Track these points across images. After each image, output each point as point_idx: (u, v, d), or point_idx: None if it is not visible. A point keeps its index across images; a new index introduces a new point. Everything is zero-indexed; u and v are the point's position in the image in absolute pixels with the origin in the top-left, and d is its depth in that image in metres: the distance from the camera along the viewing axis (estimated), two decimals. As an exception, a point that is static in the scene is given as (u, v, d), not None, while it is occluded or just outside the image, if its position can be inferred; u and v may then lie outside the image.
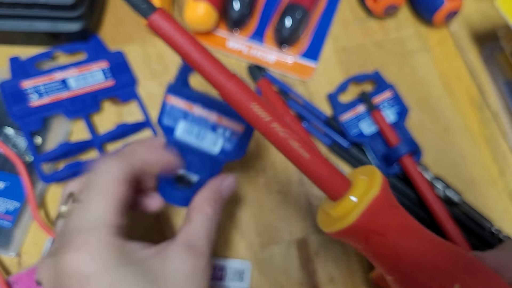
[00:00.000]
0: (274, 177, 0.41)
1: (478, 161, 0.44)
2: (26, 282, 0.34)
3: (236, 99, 0.23)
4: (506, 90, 0.46)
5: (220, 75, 0.23)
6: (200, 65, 0.22)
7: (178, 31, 0.22)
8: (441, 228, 0.38)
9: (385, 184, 0.24)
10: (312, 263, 0.39)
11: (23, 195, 0.37)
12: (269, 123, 0.23)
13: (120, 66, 0.42)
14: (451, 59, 0.48)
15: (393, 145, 0.40)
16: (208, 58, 0.22)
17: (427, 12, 0.46)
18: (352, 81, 0.45)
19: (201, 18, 0.41)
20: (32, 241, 0.37)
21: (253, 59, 0.45)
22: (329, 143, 0.42)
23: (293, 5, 0.44)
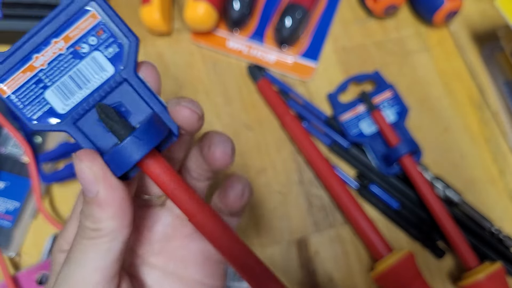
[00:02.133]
0: (274, 177, 0.41)
1: (478, 161, 0.44)
2: (26, 282, 0.34)
3: (205, 232, 0.23)
4: (506, 90, 0.46)
5: (192, 205, 0.22)
6: (174, 196, 0.22)
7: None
8: (441, 228, 0.38)
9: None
10: (312, 263, 0.39)
11: (23, 195, 0.37)
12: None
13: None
14: (451, 59, 0.48)
15: (393, 145, 0.40)
16: (182, 188, 0.22)
17: (427, 12, 0.46)
18: (352, 81, 0.45)
19: (201, 18, 0.41)
20: (32, 241, 0.37)
21: (253, 59, 0.45)
22: (329, 143, 0.42)
23: (293, 5, 0.44)
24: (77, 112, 0.22)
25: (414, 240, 0.40)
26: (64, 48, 0.21)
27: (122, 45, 0.21)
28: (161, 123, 0.22)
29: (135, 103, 0.22)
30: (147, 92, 0.22)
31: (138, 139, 0.20)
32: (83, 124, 0.22)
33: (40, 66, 0.21)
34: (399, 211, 0.41)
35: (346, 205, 0.38)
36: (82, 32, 0.21)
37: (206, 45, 0.45)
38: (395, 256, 0.36)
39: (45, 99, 0.21)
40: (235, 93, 0.44)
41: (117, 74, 0.21)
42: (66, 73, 0.21)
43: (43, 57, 0.21)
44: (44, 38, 0.21)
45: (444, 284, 0.39)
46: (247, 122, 0.43)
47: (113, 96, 0.22)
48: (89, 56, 0.21)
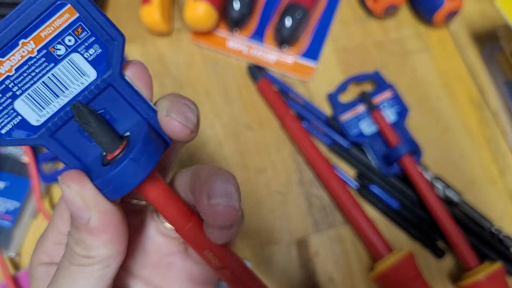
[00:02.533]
0: (274, 177, 0.41)
1: (478, 161, 0.44)
2: (26, 282, 0.34)
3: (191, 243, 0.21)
4: (506, 90, 0.46)
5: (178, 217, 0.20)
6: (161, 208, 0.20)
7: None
8: (441, 228, 0.38)
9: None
10: (312, 263, 0.39)
11: (23, 195, 0.37)
12: (219, 268, 0.21)
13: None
14: (451, 59, 0.48)
15: (393, 145, 0.40)
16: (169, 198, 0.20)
17: (427, 12, 0.46)
18: (352, 81, 0.45)
19: (201, 18, 0.41)
20: (32, 241, 0.37)
21: (253, 59, 0.45)
22: (329, 143, 0.42)
23: (293, 5, 0.44)
24: (54, 123, 0.19)
25: (414, 240, 0.40)
26: (35, 50, 0.18)
27: (106, 45, 0.18)
28: (156, 136, 0.19)
29: (122, 109, 0.19)
30: (136, 97, 0.19)
31: (135, 162, 0.18)
32: (62, 135, 0.19)
33: (6, 72, 0.18)
34: (399, 211, 0.41)
35: (346, 205, 0.38)
36: (56, 31, 0.18)
37: (206, 45, 0.45)
38: (395, 256, 0.36)
39: (14, 110, 0.18)
40: (235, 93, 0.44)
41: (100, 79, 0.19)
42: (39, 79, 0.18)
43: (9, 61, 0.17)
44: (9, 39, 0.17)
45: (444, 284, 0.39)
46: (247, 122, 0.43)
47: (97, 103, 0.19)
48: (66, 59, 0.18)
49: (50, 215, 0.36)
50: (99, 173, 0.18)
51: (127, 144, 0.19)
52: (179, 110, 0.19)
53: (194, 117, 0.19)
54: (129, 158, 0.18)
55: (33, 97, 0.18)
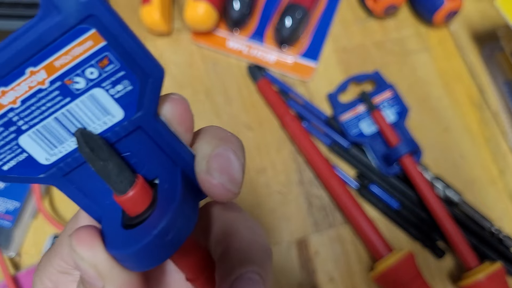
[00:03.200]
0: (274, 177, 0.41)
1: (478, 161, 0.44)
2: (26, 282, 0.34)
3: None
4: (506, 90, 0.46)
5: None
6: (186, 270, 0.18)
7: None
8: (441, 228, 0.38)
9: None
10: (312, 263, 0.39)
11: (23, 195, 0.37)
12: None
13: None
14: (451, 59, 0.48)
15: (393, 145, 0.40)
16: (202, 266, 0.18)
17: (427, 12, 0.46)
18: (352, 81, 0.45)
19: (201, 18, 0.41)
20: (32, 241, 0.37)
21: (253, 59, 0.45)
22: (329, 143, 0.42)
23: (293, 5, 0.44)
24: (67, 164, 0.16)
25: (414, 240, 0.40)
26: (46, 82, 0.14)
27: (138, 81, 0.15)
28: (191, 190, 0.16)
29: (152, 155, 0.16)
30: (172, 142, 0.16)
31: (162, 238, 0.14)
32: (76, 176, 0.16)
33: (9, 103, 0.14)
34: (399, 211, 0.41)
35: (346, 205, 0.38)
36: (75, 61, 0.14)
37: (206, 45, 0.45)
38: (395, 256, 0.36)
39: (19, 146, 0.15)
40: (235, 93, 0.44)
41: (128, 120, 0.15)
42: (51, 115, 0.15)
43: (13, 91, 0.14)
44: (14, 65, 0.14)
45: (444, 284, 0.39)
46: (247, 122, 0.43)
47: (121, 146, 0.16)
48: (85, 95, 0.15)
49: (50, 215, 0.36)
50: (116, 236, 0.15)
51: (155, 200, 0.16)
52: (223, 167, 0.16)
53: (240, 174, 0.16)
54: (153, 235, 0.14)
55: (43, 134, 0.15)
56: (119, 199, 0.15)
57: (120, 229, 0.16)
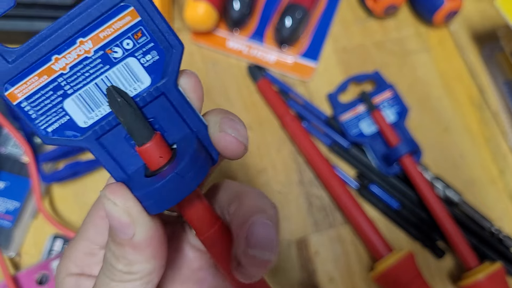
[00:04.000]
0: (274, 177, 0.41)
1: (478, 161, 0.44)
2: (26, 282, 0.34)
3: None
4: (506, 90, 0.46)
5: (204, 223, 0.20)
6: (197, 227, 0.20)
7: None
8: (441, 228, 0.38)
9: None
10: (312, 263, 0.39)
11: (23, 195, 0.37)
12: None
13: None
14: (451, 59, 0.48)
15: (393, 145, 0.40)
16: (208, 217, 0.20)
17: (427, 12, 0.46)
18: (352, 81, 0.45)
19: (201, 18, 0.41)
20: (32, 241, 0.37)
21: (253, 59, 0.45)
22: (329, 143, 0.42)
23: (293, 5, 0.44)
24: (101, 127, 0.18)
25: (414, 240, 0.40)
26: (92, 51, 0.17)
27: (164, 53, 0.18)
28: (204, 152, 0.19)
29: (172, 120, 0.19)
30: (188, 109, 0.18)
31: (181, 177, 0.17)
32: (107, 141, 0.18)
33: (60, 69, 0.17)
34: (399, 211, 0.41)
35: (346, 205, 0.38)
36: (116, 33, 0.17)
37: (206, 45, 0.45)
38: (395, 256, 0.36)
39: (63, 109, 0.18)
40: (235, 93, 0.44)
41: (154, 86, 0.18)
42: (92, 80, 0.17)
43: (64, 59, 0.17)
44: (67, 36, 0.17)
45: (444, 284, 0.39)
46: (247, 122, 0.43)
47: (147, 111, 0.18)
48: (122, 63, 0.17)
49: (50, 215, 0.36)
50: (140, 184, 0.18)
51: (173, 156, 0.18)
52: (232, 126, 0.18)
53: (246, 132, 0.19)
54: (175, 172, 0.17)
55: (84, 98, 0.18)
56: (140, 150, 0.18)
57: (143, 178, 0.18)
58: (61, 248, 0.36)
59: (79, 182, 0.39)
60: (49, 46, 0.17)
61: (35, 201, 0.37)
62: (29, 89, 0.17)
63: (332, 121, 0.43)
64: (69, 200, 0.38)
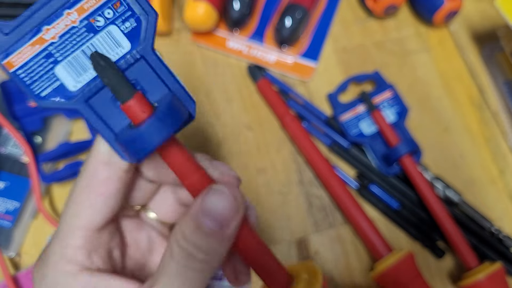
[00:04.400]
0: (274, 177, 0.41)
1: (478, 161, 0.44)
2: (26, 282, 0.34)
3: None
4: (506, 90, 0.46)
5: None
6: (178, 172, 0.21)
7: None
8: (441, 228, 0.38)
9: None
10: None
11: (23, 195, 0.37)
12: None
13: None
14: (451, 59, 0.48)
15: (393, 145, 0.40)
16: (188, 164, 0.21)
17: (427, 12, 0.46)
18: (352, 81, 0.45)
19: (201, 18, 0.41)
20: (32, 241, 0.37)
21: (253, 59, 0.45)
22: (329, 143, 0.42)
23: (293, 5, 0.44)
24: (89, 90, 0.20)
25: (414, 240, 0.40)
26: (77, 21, 0.20)
27: (140, 20, 0.20)
28: (181, 104, 0.20)
29: (151, 81, 0.21)
30: (165, 70, 0.21)
31: (160, 121, 0.19)
32: (95, 102, 0.20)
33: (50, 39, 0.19)
34: (399, 211, 0.41)
35: (346, 205, 0.38)
36: (97, 4, 0.19)
37: (206, 45, 0.45)
38: (395, 256, 0.36)
39: (55, 75, 0.20)
40: (235, 93, 0.44)
41: (133, 51, 0.20)
42: (79, 47, 0.20)
43: (54, 29, 0.19)
44: (55, 8, 0.19)
45: (444, 284, 0.39)
46: (247, 122, 0.43)
47: (129, 74, 0.20)
48: (104, 30, 0.20)
49: (50, 215, 0.36)
50: (126, 135, 0.19)
51: (154, 111, 0.20)
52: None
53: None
54: (155, 117, 0.19)
55: (73, 64, 0.20)
56: (123, 106, 0.20)
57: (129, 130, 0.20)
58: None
59: (79, 182, 0.39)
60: (39, 18, 0.19)
61: (35, 201, 0.37)
62: (24, 57, 0.19)
63: (332, 121, 0.43)
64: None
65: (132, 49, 0.20)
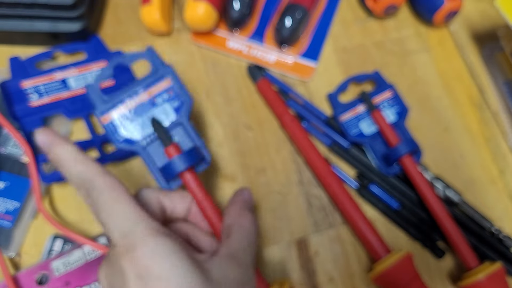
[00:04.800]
0: (274, 177, 0.41)
1: (478, 161, 0.44)
2: (26, 282, 0.34)
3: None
4: (506, 90, 0.46)
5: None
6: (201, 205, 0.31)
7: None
8: (441, 228, 0.38)
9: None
10: (312, 263, 0.39)
11: (23, 195, 0.37)
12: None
13: (120, 66, 0.42)
14: (451, 59, 0.48)
15: (393, 145, 0.40)
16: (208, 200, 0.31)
17: (427, 12, 0.46)
18: (352, 81, 0.45)
19: (201, 18, 0.41)
20: (32, 241, 0.37)
21: (253, 59, 0.45)
22: (329, 143, 0.42)
23: (293, 5, 0.44)
24: (147, 141, 0.32)
25: (414, 240, 0.40)
26: (146, 99, 0.32)
27: (183, 103, 0.32)
28: (199, 151, 0.32)
29: (184, 137, 0.32)
30: (193, 134, 0.32)
31: (183, 157, 0.30)
32: (150, 149, 0.32)
33: (129, 107, 0.32)
34: (399, 211, 0.41)
35: (344, 205, 0.38)
36: (159, 90, 0.32)
37: (206, 45, 0.45)
38: (393, 257, 0.36)
39: (129, 129, 0.31)
40: (235, 93, 0.44)
41: (176, 119, 0.32)
42: (145, 114, 0.32)
43: (132, 101, 0.32)
44: (136, 90, 0.32)
45: (444, 284, 0.39)
46: (247, 122, 0.43)
47: (172, 132, 0.32)
48: (161, 106, 0.32)
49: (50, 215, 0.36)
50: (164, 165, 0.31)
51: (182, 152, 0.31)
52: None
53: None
54: (181, 154, 0.30)
55: (140, 124, 0.32)
56: (166, 149, 0.31)
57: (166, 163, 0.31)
58: (61, 248, 0.36)
59: (79, 182, 0.39)
60: (125, 95, 0.32)
61: (35, 201, 0.37)
62: (112, 117, 0.31)
63: (332, 121, 0.43)
64: (69, 200, 0.38)
65: (176, 118, 0.32)
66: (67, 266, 0.35)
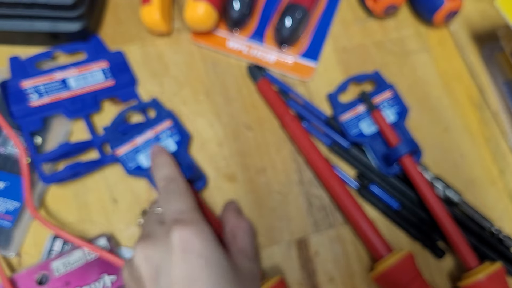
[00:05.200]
0: (274, 177, 0.41)
1: (478, 161, 0.44)
2: (26, 282, 0.34)
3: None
4: (506, 90, 0.46)
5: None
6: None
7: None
8: (441, 228, 0.38)
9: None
10: (312, 263, 0.39)
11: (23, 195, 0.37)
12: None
13: (120, 66, 0.42)
14: (451, 59, 0.48)
15: (393, 145, 0.40)
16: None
17: (427, 12, 0.46)
18: (352, 81, 0.45)
19: (201, 18, 0.41)
20: (32, 241, 0.37)
21: (253, 59, 0.45)
22: (329, 143, 0.42)
23: (293, 5, 0.44)
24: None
25: (414, 240, 0.40)
26: (153, 136, 0.39)
27: (182, 137, 0.40)
28: (196, 169, 0.39)
29: (183, 162, 0.38)
30: (189, 158, 0.39)
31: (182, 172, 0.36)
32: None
33: (138, 142, 0.38)
34: (399, 211, 0.41)
35: (345, 205, 0.38)
36: (164, 128, 0.39)
37: (206, 45, 0.45)
38: (394, 256, 0.36)
39: (137, 159, 0.38)
40: (235, 93, 0.44)
41: (178, 150, 0.39)
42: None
43: (141, 138, 0.39)
44: (143, 129, 0.39)
45: (444, 284, 0.39)
46: (247, 122, 0.43)
47: (175, 158, 0.38)
48: (165, 141, 0.39)
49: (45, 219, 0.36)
50: None
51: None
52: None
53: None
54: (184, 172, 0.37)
55: (147, 154, 0.38)
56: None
57: None
58: (61, 248, 0.36)
59: (79, 182, 0.39)
60: (135, 133, 0.39)
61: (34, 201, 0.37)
62: (124, 150, 0.38)
63: (332, 121, 0.43)
64: (69, 201, 0.38)
65: (177, 150, 0.39)
66: (67, 266, 0.35)
